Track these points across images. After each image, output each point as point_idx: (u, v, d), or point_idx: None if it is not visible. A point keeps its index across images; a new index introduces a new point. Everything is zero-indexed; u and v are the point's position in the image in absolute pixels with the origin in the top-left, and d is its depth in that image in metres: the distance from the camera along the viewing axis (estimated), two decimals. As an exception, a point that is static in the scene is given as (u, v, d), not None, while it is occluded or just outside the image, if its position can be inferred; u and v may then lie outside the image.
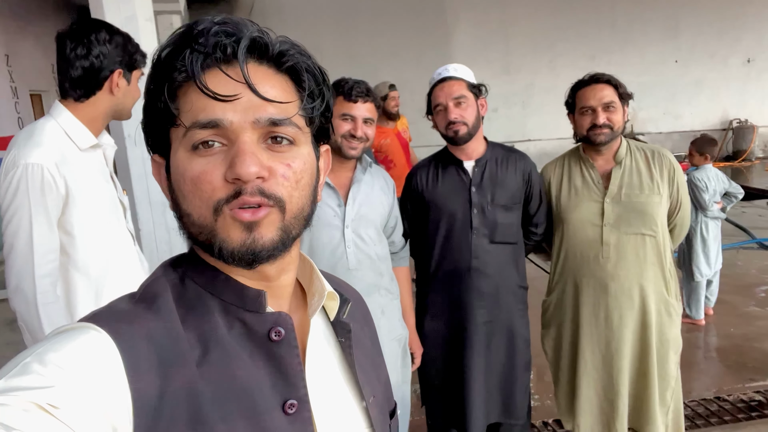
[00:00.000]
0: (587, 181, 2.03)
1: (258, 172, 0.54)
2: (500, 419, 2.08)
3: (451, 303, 2.03)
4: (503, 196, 2.00)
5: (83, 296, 1.56)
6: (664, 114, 11.71)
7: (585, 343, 2.04)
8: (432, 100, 2.00)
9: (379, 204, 1.93)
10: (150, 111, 0.59)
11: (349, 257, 1.81)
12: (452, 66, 2.01)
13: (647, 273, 1.97)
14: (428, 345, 2.10)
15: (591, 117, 1.96)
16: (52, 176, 1.46)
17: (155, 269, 0.63)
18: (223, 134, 0.55)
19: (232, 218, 0.55)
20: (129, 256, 1.68)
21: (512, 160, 2.05)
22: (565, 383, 2.15)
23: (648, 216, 1.95)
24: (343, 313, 0.70)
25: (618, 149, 2.02)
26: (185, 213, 0.58)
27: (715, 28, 11.44)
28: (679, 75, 11.60)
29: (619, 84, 1.97)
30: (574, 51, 10.89)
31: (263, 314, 0.60)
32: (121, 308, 0.57)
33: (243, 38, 0.56)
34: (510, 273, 2.05)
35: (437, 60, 9.69)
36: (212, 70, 0.55)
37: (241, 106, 0.55)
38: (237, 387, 0.55)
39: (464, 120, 1.94)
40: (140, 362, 0.51)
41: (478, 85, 2.00)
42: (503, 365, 2.05)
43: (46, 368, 0.47)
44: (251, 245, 0.56)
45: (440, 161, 2.08)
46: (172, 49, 0.56)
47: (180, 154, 0.57)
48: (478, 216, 1.98)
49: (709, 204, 3.84)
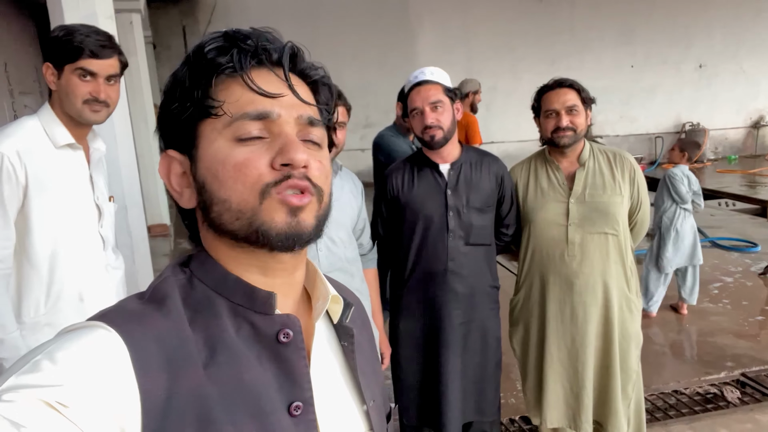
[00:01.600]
0: (553, 182, 2.09)
1: (306, 159, 0.58)
2: (473, 417, 2.12)
3: (426, 304, 2.05)
4: (478, 198, 2.03)
5: (34, 291, 1.56)
6: (620, 117, 12.08)
7: (551, 338, 2.09)
8: (408, 103, 2.01)
9: (348, 206, 1.93)
10: (177, 105, 0.60)
11: (321, 260, 1.81)
12: (429, 69, 2.02)
13: (610, 270, 2.03)
14: (403, 345, 2.11)
15: (555, 120, 2.02)
16: (12, 165, 1.49)
17: (164, 269, 0.63)
18: (267, 127, 0.59)
19: (280, 202, 0.57)
20: (94, 260, 1.64)
21: (486, 163, 2.09)
22: (532, 379, 2.20)
23: (610, 216, 2.02)
24: (346, 317, 0.71)
25: (581, 151, 2.08)
26: (221, 200, 0.58)
27: (667, 34, 11.88)
28: (634, 80, 12.00)
29: (581, 89, 2.03)
30: (534, 55, 11.13)
31: (272, 316, 0.60)
32: (130, 308, 0.56)
33: (286, 46, 0.62)
34: (484, 274, 2.08)
35: (400, 62, 9.77)
36: (258, 70, 0.60)
37: (286, 103, 0.59)
38: (244, 389, 0.56)
39: (440, 124, 1.95)
40: (149, 363, 0.52)
41: (454, 89, 2.03)
42: (477, 364, 2.08)
43: (56, 366, 0.48)
44: (296, 227, 0.58)
45: (415, 164, 2.10)
46: (217, 46, 0.59)
47: (220, 143, 0.58)
48: (454, 218, 2.01)
49: (687, 196, 3.97)
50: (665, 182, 4.09)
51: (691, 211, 4.04)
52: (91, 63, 1.55)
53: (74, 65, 1.54)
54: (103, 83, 1.58)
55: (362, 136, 10.48)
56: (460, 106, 2.04)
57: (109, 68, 1.59)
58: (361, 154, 10.54)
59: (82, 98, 1.56)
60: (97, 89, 1.56)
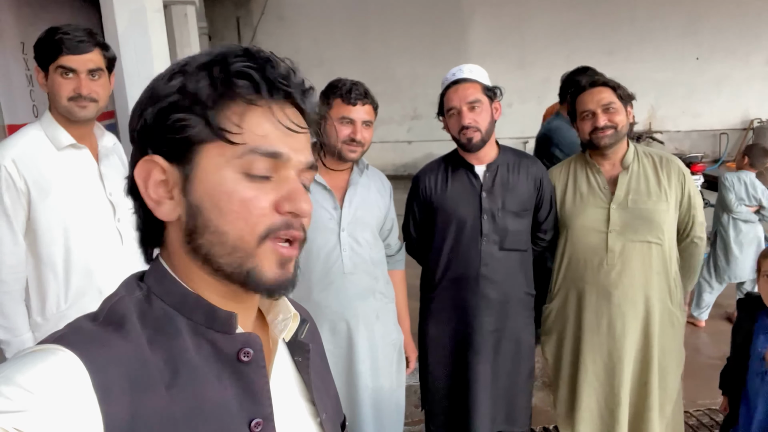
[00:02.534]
0: (593, 186, 1.99)
1: (310, 210, 0.59)
2: (504, 427, 2.06)
3: (458, 309, 2.00)
4: (514, 202, 1.95)
5: (52, 289, 1.61)
6: (682, 112, 11.50)
7: (587, 351, 2.01)
8: (445, 102, 1.94)
9: (375, 207, 1.89)
10: (182, 116, 0.56)
11: (344, 261, 1.79)
12: (467, 67, 1.95)
13: (652, 282, 1.93)
14: (433, 350, 2.07)
15: (591, 121, 1.93)
16: (9, 174, 1.53)
17: (118, 287, 0.61)
18: (274, 166, 0.58)
19: (273, 250, 0.58)
20: (112, 255, 1.68)
21: (524, 165, 2.00)
22: (565, 391, 2.13)
23: (655, 223, 1.91)
24: (302, 333, 0.70)
25: (625, 154, 1.97)
26: (218, 231, 0.57)
27: (737, 24, 11.18)
28: (698, 73, 11.38)
29: (617, 85, 1.94)
30: (591, 46, 10.71)
31: (233, 335, 0.59)
32: (87, 330, 0.55)
33: (303, 84, 0.60)
34: (518, 280, 2.01)
35: (451, 54, 9.66)
36: (278, 103, 0.58)
37: (301, 144, 0.59)
38: (206, 409, 0.55)
39: (478, 126, 1.88)
40: (111, 386, 0.50)
41: (492, 87, 1.94)
42: (509, 373, 2.02)
43: (14, 391, 0.47)
44: (283, 278, 0.59)
45: (450, 164, 2.03)
46: (243, 66, 0.56)
47: (227, 174, 0.56)
48: (488, 222, 1.94)
49: (734, 205, 3.74)
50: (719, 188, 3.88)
51: (748, 220, 3.79)
52: (70, 59, 1.57)
53: (55, 64, 1.57)
54: (84, 78, 1.59)
55: (409, 128, 10.43)
56: (498, 105, 1.96)
57: (89, 63, 1.60)
58: (408, 146, 10.49)
59: (66, 96, 1.59)
60: (79, 85, 1.58)
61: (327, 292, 1.80)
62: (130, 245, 1.73)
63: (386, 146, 10.13)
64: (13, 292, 1.59)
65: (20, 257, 1.59)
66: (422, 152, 9.77)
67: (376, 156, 7.07)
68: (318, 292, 1.80)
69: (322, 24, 10.02)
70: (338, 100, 1.76)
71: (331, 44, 10.04)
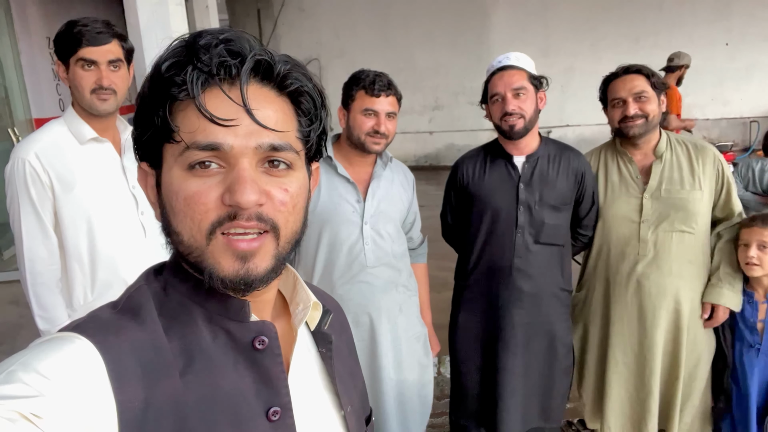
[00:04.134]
0: (624, 176, 1.95)
1: (257, 200, 0.55)
2: (537, 424, 2.04)
3: (489, 301, 1.97)
4: (552, 195, 1.91)
5: (78, 280, 1.64)
6: (712, 100, 11.21)
7: (616, 341, 1.98)
8: (489, 89, 1.91)
9: (398, 200, 1.88)
10: (144, 122, 0.57)
11: (367, 254, 1.78)
12: (513, 54, 1.92)
13: (684, 272, 1.89)
14: (461, 341, 2.05)
15: (622, 109, 1.88)
16: (33, 168, 1.55)
17: (138, 277, 0.62)
18: (221, 157, 0.55)
19: (225, 245, 0.55)
20: (136, 248, 1.69)
21: (565, 158, 1.95)
22: (591, 382, 2.11)
23: (689, 212, 1.87)
24: (325, 323, 0.70)
25: (658, 143, 1.92)
26: (175, 231, 0.57)
27: (769, 9, 10.84)
28: (728, 59, 11.07)
29: (651, 73, 1.88)
30: (617, 33, 10.50)
31: (247, 323, 0.59)
32: (104, 318, 0.56)
33: (247, 59, 0.55)
34: (554, 275, 1.97)
35: (473, 44, 9.57)
36: (213, 90, 0.55)
37: (242, 130, 0.55)
38: (221, 396, 0.55)
39: (522, 112, 1.85)
40: (125, 373, 0.51)
41: (539, 76, 1.90)
42: (542, 369, 1.99)
43: (31, 377, 0.48)
44: (245, 276, 0.56)
45: (489, 153, 2.00)
46: (173, 62, 0.55)
47: (175, 172, 0.56)
48: (524, 214, 1.90)
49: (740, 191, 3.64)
50: None
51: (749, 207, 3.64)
52: (90, 51, 1.57)
53: (75, 57, 1.58)
54: (105, 70, 1.60)
55: (431, 119, 10.35)
56: (544, 95, 1.91)
57: (108, 54, 1.60)
58: (429, 137, 10.43)
59: (89, 89, 1.60)
60: (101, 77, 1.59)
61: (350, 285, 1.79)
62: (153, 237, 1.74)
63: (407, 137, 10.09)
64: (49, 284, 1.62)
65: (52, 249, 1.62)
66: (444, 143, 9.70)
67: (397, 147, 7.05)
68: (341, 285, 1.79)
69: (343, 14, 9.97)
70: (361, 92, 1.75)
71: (352, 35, 10.00)
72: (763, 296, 1.89)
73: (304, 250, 1.84)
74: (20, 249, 1.62)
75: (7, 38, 5.76)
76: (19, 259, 1.63)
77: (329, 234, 1.77)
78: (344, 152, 1.83)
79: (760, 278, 1.88)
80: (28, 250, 1.59)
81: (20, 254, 1.62)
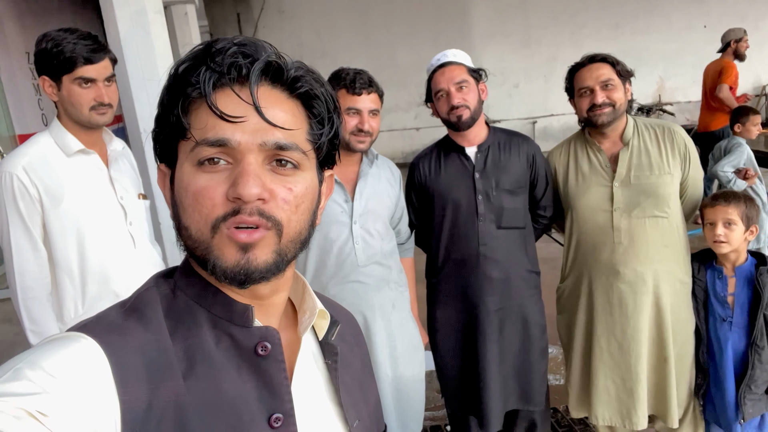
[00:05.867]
0: (594, 165, 1.98)
1: (259, 193, 0.56)
2: (518, 406, 2.08)
3: (461, 291, 2.01)
4: (508, 180, 1.96)
5: (69, 293, 1.65)
6: (693, 82, 11.28)
7: (600, 331, 2.00)
8: (432, 86, 1.97)
9: (386, 197, 1.89)
10: (162, 122, 0.60)
11: (357, 253, 1.79)
12: (450, 51, 1.98)
13: (660, 256, 1.92)
14: (441, 334, 2.09)
15: (589, 98, 1.90)
16: (21, 182, 1.56)
17: (148, 279, 0.64)
18: (229, 153, 0.57)
19: (228, 237, 0.56)
20: (125, 258, 1.69)
21: (515, 143, 2.01)
22: (577, 371, 2.12)
23: (660, 197, 1.89)
24: (332, 335, 0.70)
25: (624, 129, 1.95)
26: (184, 226, 0.59)
27: (745, -11, 10.96)
28: (708, 41, 11.10)
29: (616, 61, 1.91)
30: (597, 20, 10.56)
31: (250, 328, 0.60)
32: (111, 319, 0.57)
33: (259, 60, 0.57)
34: (520, 258, 2.01)
35: (455, 38, 9.58)
36: (224, 90, 0.57)
37: (250, 128, 0.56)
38: (223, 400, 0.56)
39: (467, 104, 1.90)
40: (129, 373, 0.52)
41: (477, 69, 1.97)
42: (518, 352, 2.03)
43: (37, 375, 0.48)
44: (245, 266, 0.57)
45: (442, 149, 2.05)
46: (190, 65, 0.58)
47: (185, 168, 0.58)
48: (483, 202, 1.95)
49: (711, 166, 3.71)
50: None
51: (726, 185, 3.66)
52: (88, 70, 1.58)
53: (72, 75, 1.58)
54: (103, 86, 1.61)
55: (416, 115, 10.36)
56: (484, 86, 1.97)
57: (104, 70, 1.62)
58: (416, 133, 10.45)
59: (88, 106, 1.61)
60: (100, 94, 1.60)
61: (342, 285, 1.80)
62: (142, 248, 1.74)
63: (394, 134, 10.10)
64: (40, 298, 1.62)
65: (42, 263, 1.62)
66: (430, 138, 9.68)
67: (384, 144, 6.99)
68: (333, 285, 1.80)
69: (323, 15, 9.96)
70: (342, 91, 1.75)
71: (334, 35, 9.99)
72: (732, 270, 1.94)
73: (295, 254, 1.83)
74: (10, 264, 1.61)
75: (-15, 55, 5.70)
76: (8, 274, 1.63)
77: (319, 235, 1.78)
78: None
79: (727, 254, 1.92)
80: (18, 264, 1.60)
81: (10, 269, 1.62)
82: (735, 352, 1.90)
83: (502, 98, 10.40)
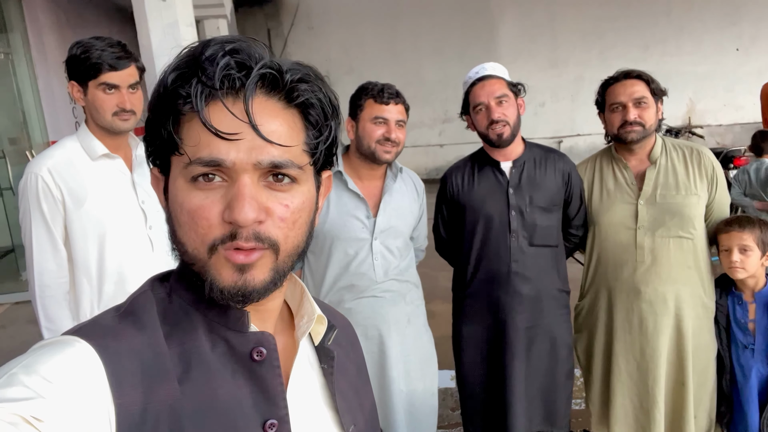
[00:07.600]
0: (620, 182, 1.95)
1: (256, 217, 0.54)
2: (542, 427, 2.02)
3: (490, 307, 1.98)
4: (542, 197, 1.93)
5: (86, 294, 1.68)
6: (724, 105, 11.13)
7: (619, 350, 1.97)
8: (471, 99, 1.94)
9: (409, 213, 1.89)
10: (153, 131, 0.59)
11: (376, 269, 1.79)
12: (489, 65, 1.96)
13: (683, 277, 1.89)
14: (467, 350, 2.05)
15: (621, 114, 1.88)
16: (45, 183, 1.60)
17: (143, 283, 0.64)
18: (224, 171, 0.55)
19: (226, 259, 0.56)
20: (143, 262, 1.73)
21: (551, 160, 1.98)
22: (597, 391, 2.09)
23: (685, 218, 1.86)
24: (328, 339, 0.70)
25: (652, 148, 1.92)
26: (180, 242, 0.58)
27: (780, 12, 10.77)
28: (740, 64, 10.99)
29: (651, 79, 1.88)
30: (625, 42, 10.49)
31: (246, 334, 0.60)
32: (106, 322, 0.57)
33: (252, 72, 0.54)
34: (551, 276, 1.97)
35: (482, 56, 9.60)
36: (217, 103, 0.54)
37: (245, 145, 0.54)
38: (218, 405, 0.56)
39: (507, 119, 1.88)
40: (124, 377, 0.52)
41: (516, 83, 1.94)
42: (545, 372, 1.99)
43: (32, 380, 0.48)
44: (242, 287, 0.56)
45: (476, 162, 2.03)
46: (179, 74, 0.55)
47: (179, 183, 0.57)
48: (516, 218, 1.92)
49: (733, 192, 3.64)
50: None
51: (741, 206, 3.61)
52: (112, 76, 1.62)
53: (96, 81, 1.62)
54: (126, 93, 1.65)
55: (441, 132, 10.39)
56: (522, 102, 1.95)
57: (129, 78, 1.66)
58: (440, 149, 10.45)
59: (110, 111, 1.65)
60: (123, 100, 1.64)
61: (359, 300, 1.80)
62: (160, 252, 1.77)
63: (418, 150, 10.12)
64: (57, 296, 1.66)
65: (61, 262, 1.66)
66: (454, 155, 9.68)
67: (408, 160, 6.98)
68: (350, 300, 1.80)
69: (351, 31, 10.10)
70: (370, 101, 1.76)
71: (361, 51, 10.11)
72: (751, 296, 1.90)
73: (314, 266, 1.85)
74: (30, 262, 1.66)
75: (24, 64, 5.90)
76: (28, 272, 1.67)
77: (338, 251, 1.78)
78: (354, 166, 1.84)
79: (745, 280, 1.88)
80: (38, 263, 1.64)
81: (30, 267, 1.66)
82: (759, 379, 1.85)
83: (528, 117, 10.24)
